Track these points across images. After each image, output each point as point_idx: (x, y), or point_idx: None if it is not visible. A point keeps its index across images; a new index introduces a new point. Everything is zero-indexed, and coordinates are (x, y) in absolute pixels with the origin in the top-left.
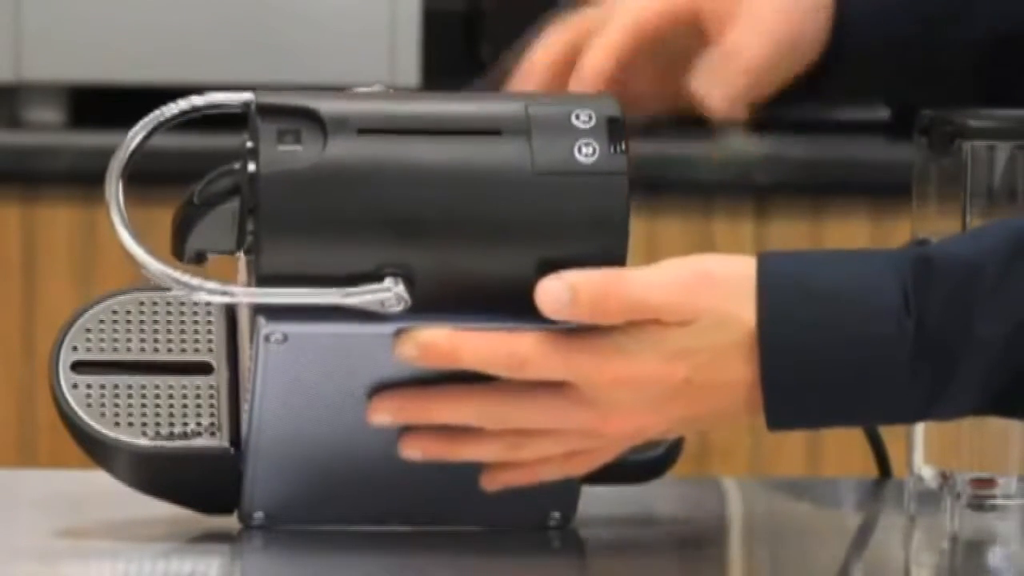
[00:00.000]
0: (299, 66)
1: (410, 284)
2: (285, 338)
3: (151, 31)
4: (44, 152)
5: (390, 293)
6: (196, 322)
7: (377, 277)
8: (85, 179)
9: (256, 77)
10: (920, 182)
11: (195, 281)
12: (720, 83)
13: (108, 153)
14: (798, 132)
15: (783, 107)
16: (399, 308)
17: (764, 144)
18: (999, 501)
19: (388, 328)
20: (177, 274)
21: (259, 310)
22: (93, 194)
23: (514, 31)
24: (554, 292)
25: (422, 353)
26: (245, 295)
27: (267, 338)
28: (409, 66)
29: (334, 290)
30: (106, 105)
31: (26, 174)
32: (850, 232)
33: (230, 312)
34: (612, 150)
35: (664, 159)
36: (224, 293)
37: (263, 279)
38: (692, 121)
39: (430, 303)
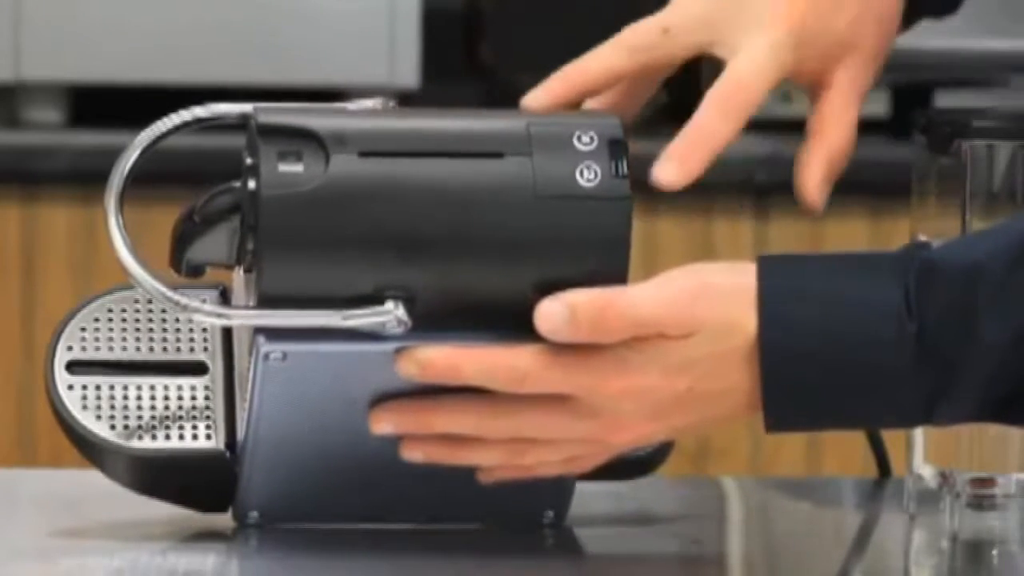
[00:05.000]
0: (299, 66)
1: (410, 306)
2: (284, 357)
3: (151, 31)
4: (44, 152)
5: (391, 316)
6: (191, 320)
7: (378, 299)
8: (85, 179)
9: (256, 77)
10: (920, 182)
11: (195, 303)
12: (815, 172)
13: (108, 153)
14: (798, 132)
15: None
16: (399, 331)
17: (764, 144)
18: (999, 501)
19: (388, 347)
20: (176, 296)
21: (259, 329)
22: (93, 194)
23: (514, 31)
24: (553, 314)
25: (423, 371)
26: (243, 317)
27: (266, 357)
28: (409, 66)
29: (334, 313)
30: (106, 105)
31: (26, 174)
32: (850, 232)
33: None
34: (614, 173)
35: None
36: (222, 316)
37: (263, 299)
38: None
39: (430, 323)
